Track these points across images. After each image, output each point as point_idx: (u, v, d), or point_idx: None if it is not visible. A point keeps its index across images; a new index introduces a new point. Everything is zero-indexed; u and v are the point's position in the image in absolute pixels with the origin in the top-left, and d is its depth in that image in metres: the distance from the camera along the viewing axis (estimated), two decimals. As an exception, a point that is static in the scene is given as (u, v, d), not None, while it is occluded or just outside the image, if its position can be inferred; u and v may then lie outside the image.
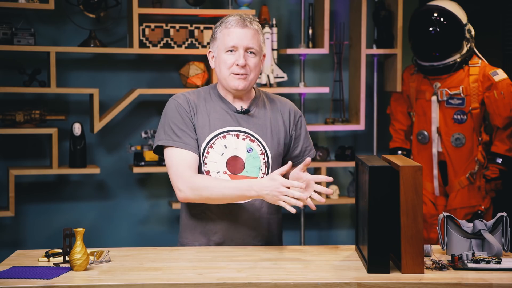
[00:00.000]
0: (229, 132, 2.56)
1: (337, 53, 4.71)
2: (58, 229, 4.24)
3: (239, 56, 2.53)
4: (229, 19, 2.56)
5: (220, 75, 2.57)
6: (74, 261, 2.19)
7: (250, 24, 2.54)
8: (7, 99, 4.31)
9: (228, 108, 2.59)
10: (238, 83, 2.54)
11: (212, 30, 2.60)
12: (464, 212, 4.28)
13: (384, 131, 4.84)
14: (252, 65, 2.54)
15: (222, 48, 2.55)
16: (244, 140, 2.56)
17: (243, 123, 2.58)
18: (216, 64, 2.59)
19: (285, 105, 2.67)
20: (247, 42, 2.53)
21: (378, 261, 2.17)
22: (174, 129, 2.54)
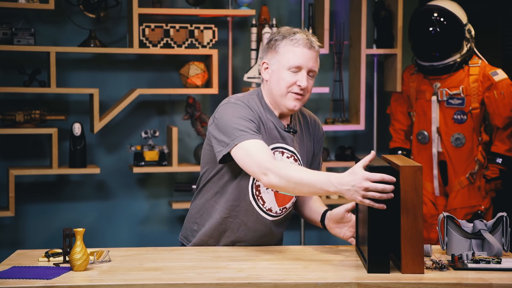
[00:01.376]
0: (277, 149, 2.52)
1: (337, 53, 4.71)
2: (58, 229, 4.24)
3: (302, 77, 2.47)
4: (296, 36, 2.48)
5: (277, 91, 2.48)
6: (74, 261, 2.19)
7: (315, 46, 2.51)
8: (7, 99, 4.31)
9: (278, 124, 2.53)
10: (294, 104, 2.48)
11: (271, 40, 2.52)
12: (464, 212, 4.28)
13: (384, 131, 4.84)
14: (310, 87, 2.50)
15: (285, 64, 2.47)
16: (289, 158, 2.53)
17: (289, 141, 2.54)
18: (273, 78, 2.50)
19: (314, 121, 2.66)
20: (312, 64, 2.49)
21: (378, 261, 2.17)
22: (251, 127, 2.41)
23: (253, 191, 2.51)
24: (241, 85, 4.59)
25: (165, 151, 4.35)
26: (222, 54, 4.51)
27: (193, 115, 4.40)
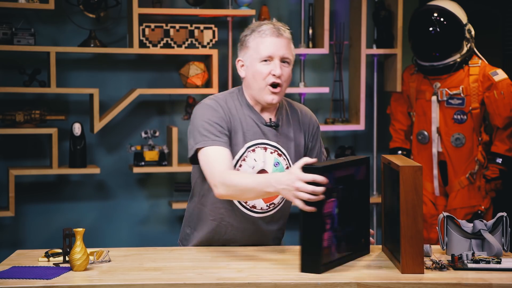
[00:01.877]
0: (258, 145, 2.51)
1: (337, 53, 4.71)
2: (58, 229, 4.23)
3: (275, 66, 2.46)
4: (262, 28, 2.49)
5: (255, 85, 2.49)
6: (74, 261, 2.19)
7: (284, 33, 2.50)
8: (7, 99, 4.31)
9: (258, 119, 2.52)
10: (272, 98, 2.48)
11: (241, 38, 2.54)
12: (464, 212, 4.28)
13: (384, 131, 4.84)
14: (286, 75, 2.48)
15: (256, 57, 2.47)
16: (272, 154, 2.51)
17: (271, 136, 2.52)
18: (249, 73, 2.51)
19: (305, 115, 2.62)
20: (282, 52, 2.47)
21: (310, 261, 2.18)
22: (211, 130, 2.44)
23: None
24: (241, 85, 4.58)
25: (165, 151, 4.35)
26: (222, 54, 4.51)
27: (193, 115, 4.40)
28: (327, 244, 2.20)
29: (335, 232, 2.23)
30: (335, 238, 2.24)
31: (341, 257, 2.27)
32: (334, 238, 2.23)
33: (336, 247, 2.25)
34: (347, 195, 2.30)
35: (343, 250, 2.29)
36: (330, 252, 2.22)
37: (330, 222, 2.20)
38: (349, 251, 2.32)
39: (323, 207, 2.15)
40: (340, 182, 2.27)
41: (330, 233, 2.21)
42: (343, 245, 2.28)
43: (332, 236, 2.22)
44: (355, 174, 2.36)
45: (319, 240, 2.16)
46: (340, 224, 2.26)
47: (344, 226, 2.28)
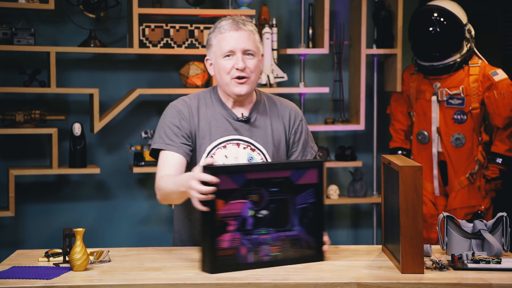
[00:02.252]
0: (230, 142, 2.52)
1: (337, 53, 4.71)
2: (58, 229, 4.23)
3: (237, 59, 2.48)
4: (222, 24, 2.52)
5: (221, 81, 2.52)
6: (74, 261, 2.19)
7: (244, 26, 2.50)
8: (7, 99, 4.31)
9: (229, 115, 2.54)
10: (240, 89, 2.50)
11: (207, 37, 2.58)
12: (464, 212, 4.28)
13: (384, 131, 4.84)
14: (251, 66, 2.50)
15: (219, 54, 2.50)
16: (245, 149, 2.53)
17: (244, 131, 2.54)
18: (216, 70, 2.54)
19: (285, 108, 2.62)
20: (243, 45, 2.49)
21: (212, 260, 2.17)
22: (168, 133, 2.50)
23: None
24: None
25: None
26: (222, 54, 4.50)
27: (193, 115, 4.40)
28: (230, 245, 2.18)
29: (248, 235, 2.20)
30: (249, 241, 2.20)
31: (265, 260, 2.23)
32: (246, 240, 2.20)
33: (253, 250, 2.21)
34: (279, 198, 2.25)
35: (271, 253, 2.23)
36: (238, 254, 2.19)
37: (236, 224, 2.18)
38: (289, 256, 2.26)
39: (214, 207, 2.14)
40: (262, 184, 2.22)
41: (237, 234, 2.18)
42: (265, 248, 2.22)
43: (242, 239, 2.19)
44: (292, 178, 2.28)
45: (214, 240, 2.15)
46: (261, 227, 2.22)
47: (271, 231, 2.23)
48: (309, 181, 2.31)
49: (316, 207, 2.32)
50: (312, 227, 2.32)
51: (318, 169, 2.32)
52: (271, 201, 2.25)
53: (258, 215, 2.23)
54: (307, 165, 2.32)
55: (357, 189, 4.68)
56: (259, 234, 2.23)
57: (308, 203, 2.30)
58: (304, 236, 2.30)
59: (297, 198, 2.29)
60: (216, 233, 2.17)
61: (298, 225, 2.29)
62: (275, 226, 2.26)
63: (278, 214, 2.26)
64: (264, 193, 2.23)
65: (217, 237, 2.17)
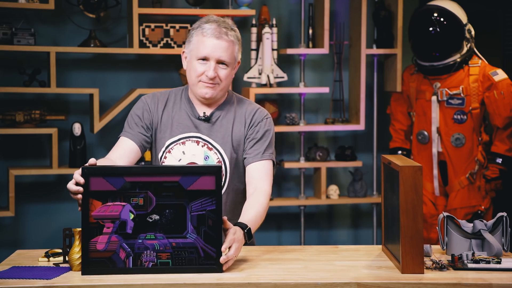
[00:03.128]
0: (189, 138, 2.55)
1: (337, 53, 4.71)
2: (58, 229, 4.23)
3: (209, 67, 2.49)
4: (206, 26, 2.50)
5: (190, 80, 2.56)
6: (73, 261, 2.19)
7: (225, 36, 2.49)
8: (7, 99, 4.31)
9: (192, 113, 2.57)
10: (206, 91, 2.52)
11: (190, 29, 2.57)
12: (464, 212, 4.28)
13: (384, 131, 4.84)
14: (222, 76, 2.51)
15: (194, 55, 2.51)
16: (203, 147, 2.55)
17: (204, 130, 2.56)
18: (188, 68, 2.56)
19: (252, 109, 2.60)
20: (219, 54, 2.49)
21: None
22: (130, 122, 2.57)
23: None
24: (241, 85, 4.59)
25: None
26: (222, 54, 4.50)
27: (193, 115, 4.40)
28: (105, 248, 2.15)
29: (130, 239, 2.16)
30: (130, 245, 2.16)
31: (149, 267, 2.17)
32: (126, 244, 2.16)
33: (133, 255, 2.16)
34: (176, 204, 2.19)
35: (159, 259, 2.18)
36: (116, 258, 2.16)
37: (113, 226, 2.15)
38: (182, 264, 2.18)
39: (87, 207, 2.14)
40: (150, 188, 2.17)
41: (115, 237, 2.15)
42: (150, 254, 2.17)
43: (121, 242, 2.15)
44: (182, 183, 2.19)
45: (86, 241, 2.14)
46: (149, 231, 2.17)
47: (160, 236, 2.18)
48: (203, 187, 2.20)
49: (216, 215, 2.20)
50: (210, 236, 2.20)
51: (216, 175, 2.20)
52: (166, 206, 2.18)
53: (148, 219, 2.18)
54: (200, 170, 2.22)
55: (357, 189, 4.68)
56: (145, 239, 2.18)
57: (206, 210, 2.20)
58: (200, 244, 2.19)
59: (193, 204, 2.20)
60: (89, 234, 2.15)
61: (194, 233, 2.19)
62: (167, 232, 2.18)
63: (174, 220, 2.19)
64: (151, 197, 2.18)
65: (91, 238, 2.15)
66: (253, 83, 4.42)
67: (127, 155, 2.51)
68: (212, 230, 2.20)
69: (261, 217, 2.45)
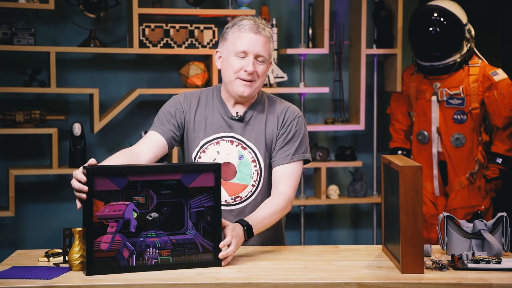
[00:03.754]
0: (223, 138, 2.55)
1: (337, 53, 4.71)
2: (58, 229, 4.23)
3: (248, 62, 2.49)
4: (243, 22, 2.51)
5: (226, 77, 2.54)
6: (72, 260, 2.19)
7: (263, 31, 2.50)
8: (7, 99, 4.31)
9: (225, 113, 2.57)
10: (243, 90, 2.51)
11: (224, 30, 2.57)
12: (464, 212, 4.28)
13: (384, 131, 4.84)
14: (260, 72, 2.51)
15: (232, 51, 2.51)
16: (237, 147, 2.55)
17: (237, 129, 2.56)
18: (223, 66, 2.55)
19: (282, 108, 2.60)
20: (258, 49, 2.49)
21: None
22: (161, 118, 2.58)
23: None
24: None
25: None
26: (222, 54, 4.50)
27: (193, 115, 4.40)
28: (109, 248, 2.16)
29: (132, 238, 2.18)
30: (132, 243, 2.18)
31: (152, 264, 2.20)
32: (129, 243, 2.17)
33: (136, 253, 2.18)
34: (174, 201, 2.22)
35: (160, 256, 2.21)
36: (120, 257, 2.17)
37: (117, 226, 2.16)
38: (182, 260, 2.22)
39: (91, 208, 2.14)
40: (150, 187, 2.19)
41: (118, 237, 2.17)
42: (152, 252, 2.19)
43: (125, 241, 2.17)
44: (183, 181, 2.23)
45: (90, 242, 2.14)
46: (150, 229, 2.20)
47: (161, 234, 2.20)
48: (204, 184, 2.25)
49: (214, 211, 2.26)
50: (208, 231, 2.25)
51: (215, 172, 2.26)
52: (164, 204, 2.21)
53: (148, 217, 2.20)
54: (201, 168, 2.27)
55: (357, 189, 4.68)
56: (146, 237, 2.20)
57: (204, 207, 2.25)
58: (199, 240, 2.25)
59: (192, 201, 2.24)
60: (93, 234, 2.15)
61: (193, 229, 2.24)
62: (167, 229, 2.21)
63: (172, 217, 2.22)
64: (152, 195, 2.20)
65: (95, 238, 2.15)
66: (253, 83, 4.42)
67: (153, 149, 2.51)
68: (210, 225, 2.26)
69: (270, 218, 2.45)
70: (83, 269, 2.17)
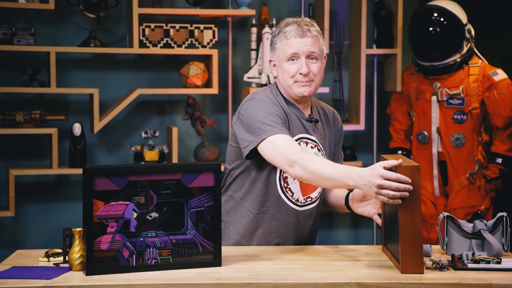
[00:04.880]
0: (302, 140, 2.56)
1: (337, 53, 4.71)
2: (58, 229, 4.24)
3: (301, 64, 2.51)
4: (287, 29, 2.52)
5: (284, 83, 2.55)
6: (72, 260, 2.19)
7: (308, 32, 2.52)
8: (7, 99, 4.31)
9: (300, 114, 2.58)
10: (303, 90, 2.52)
11: (271, 39, 2.60)
12: (464, 212, 4.28)
13: (384, 131, 4.84)
14: (315, 70, 2.53)
15: (283, 57, 2.53)
16: (313, 148, 2.57)
17: (311, 131, 2.59)
18: (279, 73, 2.57)
19: (333, 113, 2.71)
20: (307, 49, 2.51)
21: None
22: (275, 120, 2.46)
23: (281, 183, 2.55)
24: (241, 85, 4.59)
25: (165, 151, 4.35)
26: (222, 54, 4.51)
27: (193, 115, 4.40)
28: (109, 247, 2.16)
29: (132, 238, 2.18)
30: (132, 243, 2.18)
31: (152, 264, 2.20)
32: (129, 243, 2.18)
33: (136, 253, 2.19)
34: (174, 201, 2.23)
35: (160, 256, 2.21)
36: (120, 257, 2.17)
37: (116, 226, 2.17)
38: (182, 260, 2.23)
39: (87, 207, 2.14)
40: (150, 187, 2.20)
41: (118, 236, 2.17)
42: (152, 252, 2.20)
43: (125, 241, 2.17)
44: (183, 181, 2.24)
45: (90, 242, 2.14)
46: (150, 229, 2.20)
47: (161, 234, 2.21)
48: (204, 184, 2.26)
49: (214, 211, 2.27)
50: (208, 231, 2.26)
51: (215, 172, 2.27)
52: (164, 204, 2.22)
53: (148, 217, 2.20)
54: (201, 168, 2.27)
55: (357, 189, 4.67)
56: (146, 237, 2.20)
57: (204, 207, 2.26)
58: (199, 240, 2.26)
59: (192, 201, 2.25)
60: (93, 234, 2.15)
61: (193, 229, 2.25)
62: (167, 229, 2.22)
63: (172, 217, 2.23)
64: (152, 195, 2.21)
65: (95, 238, 2.15)
66: (253, 83, 4.42)
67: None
68: (210, 225, 2.27)
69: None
70: (83, 269, 2.17)
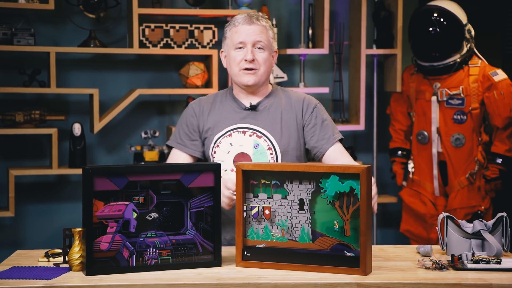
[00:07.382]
0: (235, 130, 2.61)
1: (337, 53, 4.71)
2: (58, 229, 4.23)
3: (247, 51, 2.58)
4: (237, 17, 2.63)
5: (231, 72, 2.63)
6: (72, 261, 2.19)
7: (257, 21, 2.60)
8: (7, 99, 4.31)
9: (238, 106, 2.65)
10: (248, 79, 2.59)
11: (224, 30, 2.69)
12: (464, 212, 4.28)
13: (384, 131, 4.84)
14: (260, 59, 2.59)
15: (231, 45, 2.61)
16: (251, 136, 2.60)
17: (250, 120, 2.62)
18: (228, 62, 2.65)
19: (298, 98, 2.69)
20: (254, 37, 2.58)
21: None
22: (180, 131, 2.67)
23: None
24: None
25: (165, 151, 4.35)
26: (222, 54, 4.51)
27: (193, 115, 4.40)
28: (109, 248, 2.17)
29: (132, 238, 2.18)
30: (132, 243, 2.19)
31: (152, 264, 2.21)
32: (128, 243, 2.18)
33: (136, 253, 2.19)
34: (173, 201, 2.23)
35: (160, 256, 2.21)
36: (120, 257, 2.18)
37: (116, 226, 2.17)
38: (181, 260, 2.23)
39: (87, 207, 2.14)
40: (150, 187, 2.20)
41: (118, 237, 2.17)
42: (152, 252, 2.20)
43: (124, 241, 2.18)
44: (183, 181, 2.25)
45: (90, 242, 2.15)
46: (149, 230, 2.21)
47: (161, 234, 2.21)
48: (204, 184, 2.27)
49: (214, 211, 2.28)
50: (208, 232, 2.27)
51: (214, 172, 2.28)
52: (164, 204, 2.22)
53: (147, 218, 2.21)
54: (201, 168, 2.28)
55: (357, 189, 4.68)
56: (146, 237, 2.21)
57: (204, 207, 2.26)
58: (199, 240, 2.26)
59: (192, 201, 2.25)
60: (93, 235, 2.16)
61: (193, 229, 2.26)
62: (166, 229, 2.22)
63: (172, 217, 2.23)
64: (152, 195, 2.22)
65: (95, 238, 2.16)
66: (253, 83, 4.42)
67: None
68: (210, 225, 2.27)
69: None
70: (83, 269, 2.17)
